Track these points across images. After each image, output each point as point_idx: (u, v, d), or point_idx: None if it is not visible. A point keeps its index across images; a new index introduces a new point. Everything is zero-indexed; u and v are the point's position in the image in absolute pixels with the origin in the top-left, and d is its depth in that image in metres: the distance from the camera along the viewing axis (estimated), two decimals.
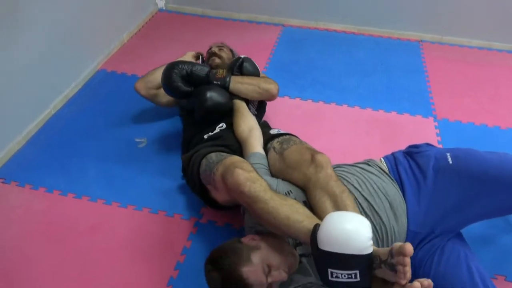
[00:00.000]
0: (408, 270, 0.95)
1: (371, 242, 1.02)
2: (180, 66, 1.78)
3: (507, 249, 1.64)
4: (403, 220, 1.34)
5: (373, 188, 1.37)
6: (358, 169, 1.47)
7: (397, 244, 0.98)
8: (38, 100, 2.20)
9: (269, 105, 2.21)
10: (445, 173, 1.35)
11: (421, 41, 3.01)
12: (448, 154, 1.39)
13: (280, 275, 1.20)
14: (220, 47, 2.16)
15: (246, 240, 1.28)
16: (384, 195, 1.36)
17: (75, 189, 1.85)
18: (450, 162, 1.36)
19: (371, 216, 1.32)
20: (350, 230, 1.01)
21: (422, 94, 2.48)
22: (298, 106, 2.38)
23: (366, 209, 1.33)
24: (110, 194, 1.84)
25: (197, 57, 2.22)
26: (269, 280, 1.19)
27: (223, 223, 1.72)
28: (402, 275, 0.96)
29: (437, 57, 2.84)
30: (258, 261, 1.19)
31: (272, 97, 1.93)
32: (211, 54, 2.12)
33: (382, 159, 1.52)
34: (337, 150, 2.06)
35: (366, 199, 1.35)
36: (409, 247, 0.95)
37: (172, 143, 2.06)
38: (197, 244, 1.63)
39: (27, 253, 1.61)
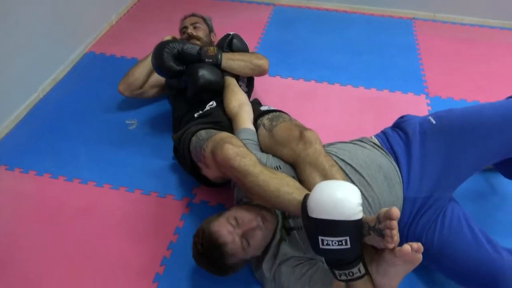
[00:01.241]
0: (396, 233, 0.96)
1: (361, 208, 1.02)
2: (170, 45, 1.75)
3: (497, 221, 1.65)
4: (398, 190, 1.35)
5: (365, 161, 1.38)
6: (350, 145, 1.47)
7: (384, 209, 0.99)
8: (26, 84, 2.16)
9: (261, 85, 2.19)
10: (432, 134, 1.39)
11: (414, 18, 2.98)
12: (430, 117, 1.44)
13: (250, 223, 1.24)
14: (194, 25, 2.10)
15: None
16: (377, 167, 1.37)
17: (65, 172, 1.84)
18: (434, 122, 1.41)
19: (362, 189, 1.32)
20: (339, 197, 1.01)
21: (414, 72, 2.47)
22: (290, 85, 2.36)
23: (357, 183, 1.33)
24: (102, 176, 1.83)
25: None
26: (238, 231, 1.23)
27: (216, 203, 1.71)
28: (389, 239, 0.97)
29: (429, 34, 2.82)
30: (225, 216, 1.28)
31: (264, 72, 1.91)
32: (189, 37, 2.06)
33: (373, 136, 1.53)
34: (330, 129, 2.05)
35: (357, 171, 1.35)
36: (395, 211, 0.95)
37: (163, 124, 2.05)
38: (190, 224, 1.63)
39: (19, 236, 1.60)
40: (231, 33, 1.95)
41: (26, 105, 2.15)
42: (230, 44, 1.90)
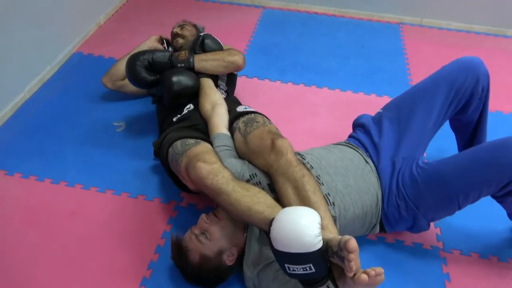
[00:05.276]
0: (354, 264, 1.01)
1: (320, 237, 1.07)
2: (141, 57, 1.75)
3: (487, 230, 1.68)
4: (371, 177, 1.46)
5: (338, 157, 1.48)
6: (325, 147, 1.58)
7: (344, 238, 1.03)
8: (12, 84, 2.13)
9: (250, 88, 2.20)
10: (382, 118, 1.59)
11: (401, 23, 3.01)
12: (380, 110, 1.66)
13: (201, 220, 1.38)
14: (182, 26, 2.12)
15: None
16: (349, 160, 1.48)
17: (52, 174, 1.82)
18: (381, 111, 1.64)
19: (336, 181, 1.41)
20: (298, 231, 1.06)
21: (401, 77, 2.50)
22: (278, 89, 2.37)
23: (333, 175, 1.42)
24: (88, 179, 1.81)
25: (161, 41, 2.18)
26: (195, 230, 1.37)
27: (203, 206, 1.71)
28: (349, 269, 1.02)
29: (416, 39, 2.85)
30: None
31: (238, 68, 1.92)
32: (174, 35, 2.09)
33: (345, 141, 1.65)
34: (318, 133, 2.07)
35: (331, 166, 1.45)
36: (352, 244, 1.00)
37: (151, 126, 2.04)
38: (177, 227, 1.63)
39: (4, 239, 1.58)
40: (202, 33, 1.94)
41: (12, 106, 2.12)
42: (202, 45, 1.89)
